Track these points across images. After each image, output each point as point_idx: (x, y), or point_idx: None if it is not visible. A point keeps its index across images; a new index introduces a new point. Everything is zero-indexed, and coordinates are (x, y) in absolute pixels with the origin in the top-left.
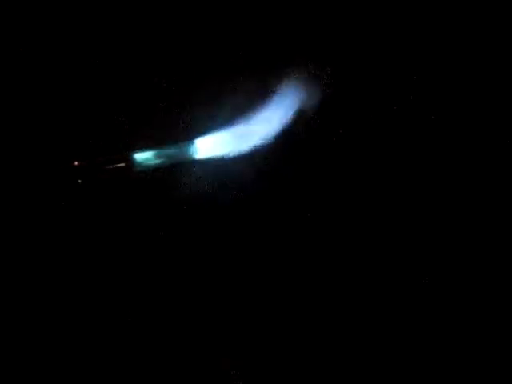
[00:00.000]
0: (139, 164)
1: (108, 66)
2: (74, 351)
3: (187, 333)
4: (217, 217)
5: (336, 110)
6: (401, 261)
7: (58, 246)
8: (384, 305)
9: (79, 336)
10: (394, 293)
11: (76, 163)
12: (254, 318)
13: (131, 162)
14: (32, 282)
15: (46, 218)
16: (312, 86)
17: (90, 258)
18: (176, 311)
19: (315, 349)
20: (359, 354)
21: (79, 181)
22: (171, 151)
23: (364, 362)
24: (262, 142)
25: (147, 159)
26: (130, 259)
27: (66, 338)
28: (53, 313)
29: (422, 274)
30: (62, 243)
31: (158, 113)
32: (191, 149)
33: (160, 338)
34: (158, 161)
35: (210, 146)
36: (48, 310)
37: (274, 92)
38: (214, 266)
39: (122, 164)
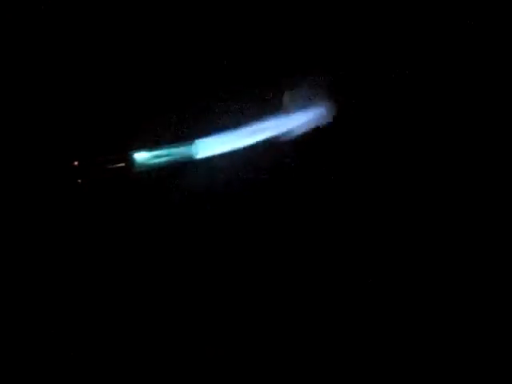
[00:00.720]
0: (139, 164)
1: (108, 67)
2: (73, 351)
3: (187, 333)
4: (217, 217)
5: (336, 111)
6: (401, 260)
7: (57, 246)
8: (384, 304)
9: (79, 335)
10: (394, 292)
11: (76, 163)
12: (254, 317)
13: (131, 162)
14: (32, 281)
15: (46, 217)
16: (312, 87)
17: (90, 258)
18: (176, 311)
19: (313, 346)
20: (356, 352)
21: (79, 181)
22: (171, 151)
23: (362, 360)
24: (263, 141)
25: (147, 159)
26: (129, 259)
27: (66, 337)
28: (53, 312)
29: (422, 274)
30: (61, 243)
31: (158, 113)
32: (191, 149)
33: (160, 338)
34: (157, 161)
35: (210, 146)
36: (48, 309)
37: (274, 92)
38: (214, 266)
39: (122, 164)
